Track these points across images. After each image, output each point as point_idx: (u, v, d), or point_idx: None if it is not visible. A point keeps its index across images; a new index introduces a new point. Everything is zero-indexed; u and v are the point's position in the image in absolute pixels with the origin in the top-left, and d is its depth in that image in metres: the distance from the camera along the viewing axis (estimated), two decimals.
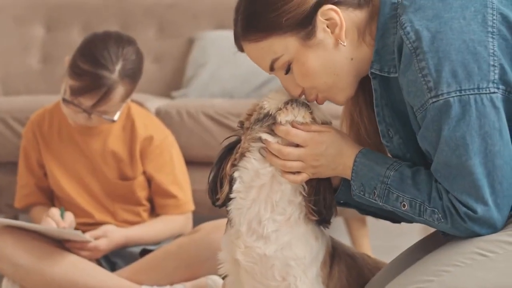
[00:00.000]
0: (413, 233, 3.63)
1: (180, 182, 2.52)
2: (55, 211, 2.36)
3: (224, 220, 2.31)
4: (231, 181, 1.74)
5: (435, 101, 1.54)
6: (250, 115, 1.75)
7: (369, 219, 2.97)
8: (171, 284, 2.36)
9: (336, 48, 1.65)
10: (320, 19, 1.63)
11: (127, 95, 2.36)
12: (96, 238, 2.37)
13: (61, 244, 2.39)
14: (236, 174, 1.74)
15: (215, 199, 1.76)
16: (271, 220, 1.71)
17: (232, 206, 1.74)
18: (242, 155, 1.74)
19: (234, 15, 1.73)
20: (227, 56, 3.27)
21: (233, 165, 1.75)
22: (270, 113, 1.69)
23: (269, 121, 1.69)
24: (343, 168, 1.70)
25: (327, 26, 1.63)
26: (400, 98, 1.65)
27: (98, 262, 2.43)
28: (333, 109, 1.84)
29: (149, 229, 2.48)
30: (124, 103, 2.39)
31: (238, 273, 1.76)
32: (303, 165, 1.70)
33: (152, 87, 3.42)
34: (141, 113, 2.52)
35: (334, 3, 1.63)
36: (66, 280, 2.32)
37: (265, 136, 1.70)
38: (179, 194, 2.51)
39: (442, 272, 1.59)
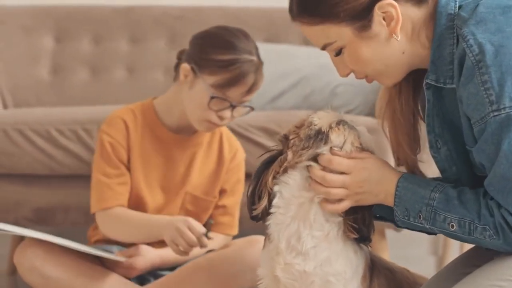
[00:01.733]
0: (423, 242, 3.66)
1: (239, 203, 2.52)
2: (197, 226, 2.26)
3: (256, 236, 2.34)
4: (270, 195, 1.74)
5: (497, 115, 1.55)
6: (298, 128, 1.75)
7: (388, 232, 2.98)
8: None
9: (389, 40, 1.67)
10: (377, 12, 1.64)
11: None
12: (130, 257, 2.34)
13: (93, 258, 2.37)
14: (276, 188, 1.74)
15: (253, 210, 1.76)
16: (310, 236, 1.72)
17: (271, 221, 1.75)
18: (285, 170, 1.74)
19: None
20: None
21: (274, 178, 1.75)
22: (322, 130, 1.70)
23: (322, 139, 1.70)
24: (385, 195, 1.71)
25: (383, 19, 1.65)
26: (452, 109, 1.67)
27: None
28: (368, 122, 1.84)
29: None
30: None
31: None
32: (346, 192, 1.71)
33: None
34: (224, 127, 2.50)
35: None
36: None
37: (310, 163, 1.71)
38: (236, 215, 2.51)
39: (496, 287, 1.60)
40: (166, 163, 2.41)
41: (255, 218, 1.78)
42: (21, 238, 3.48)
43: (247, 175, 2.76)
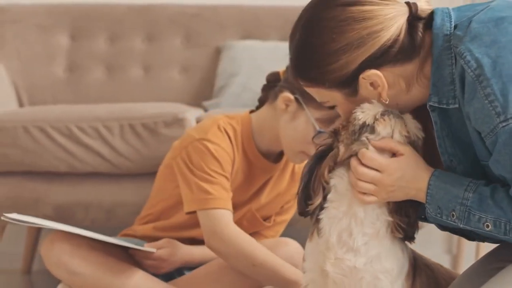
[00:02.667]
0: (437, 241, 3.66)
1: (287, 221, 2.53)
2: None
3: (284, 238, 2.35)
4: (325, 190, 1.75)
5: (505, 125, 1.56)
6: (345, 123, 1.76)
7: None
8: None
9: (380, 100, 1.70)
10: (363, 80, 1.68)
11: None
12: (159, 248, 2.34)
13: (121, 255, 2.37)
14: (331, 182, 1.74)
15: (307, 206, 1.75)
16: (361, 234, 1.72)
17: (323, 215, 1.74)
18: (339, 164, 1.74)
19: (297, 30, 1.75)
20: (258, 66, 3.28)
21: (329, 172, 1.75)
22: (367, 123, 1.70)
23: (367, 131, 1.70)
24: (416, 192, 1.71)
25: (370, 85, 1.68)
26: (460, 128, 1.68)
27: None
28: None
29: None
30: None
31: (325, 283, 1.76)
32: (375, 188, 1.70)
33: (180, 97, 3.41)
34: None
35: (377, 67, 1.67)
36: None
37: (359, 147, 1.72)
38: (280, 232, 2.51)
39: None
40: (245, 182, 2.37)
41: (305, 213, 1.77)
42: (36, 237, 3.49)
43: None
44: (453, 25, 1.66)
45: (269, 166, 2.38)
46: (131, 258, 2.39)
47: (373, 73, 1.66)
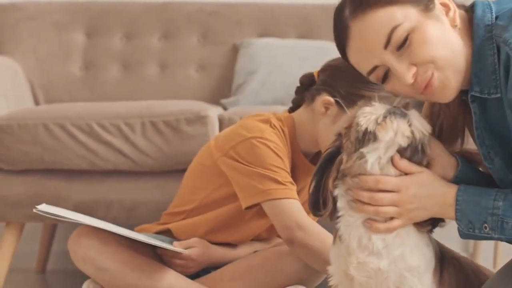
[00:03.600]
0: (453, 240, 3.65)
1: None
2: None
3: None
4: (334, 198, 1.74)
5: None
6: (347, 127, 1.73)
7: None
8: None
9: (450, 28, 1.67)
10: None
11: None
12: (187, 248, 2.32)
13: (149, 252, 2.35)
14: (336, 192, 1.73)
15: (318, 214, 1.76)
16: (380, 239, 1.71)
17: (341, 223, 1.74)
18: (344, 173, 1.73)
19: None
20: (277, 63, 3.27)
21: (335, 180, 1.74)
22: (369, 130, 1.68)
23: (370, 139, 1.68)
24: (441, 208, 1.70)
25: (442, 6, 1.67)
26: (498, 120, 1.66)
27: None
28: None
29: (244, 251, 2.42)
30: None
31: (351, 285, 1.76)
32: (397, 210, 1.69)
33: (197, 95, 3.39)
34: None
35: None
36: (150, 285, 2.27)
37: (351, 184, 1.70)
38: None
39: None
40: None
41: (317, 216, 1.78)
42: (51, 236, 3.47)
43: None
44: (494, 16, 1.66)
45: (310, 168, 2.35)
46: (157, 255, 2.37)
47: None
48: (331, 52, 3.30)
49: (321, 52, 3.32)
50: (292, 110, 2.40)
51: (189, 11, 3.53)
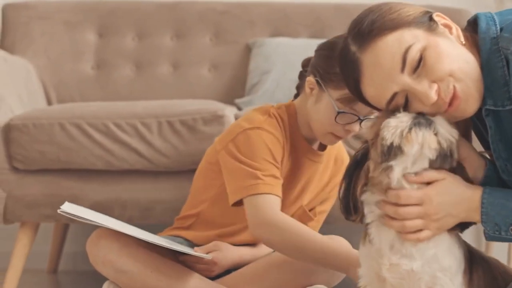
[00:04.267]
0: (465, 238, 3.63)
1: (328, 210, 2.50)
2: None
3: (331, 236, 2.31)
4: (362, 204, 1.75)
5: None
6: (373, 139, 1.73)
7: None
8: None
9: (458, 44, 1.68)
10: (436, 18, 1.68)
11: None
12: (208, 253, 2.31)
13: (169, 254, 2.34)
14: (363, 198, 1.73)
15: (350, 219, 1.76)
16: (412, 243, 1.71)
17: (372, 228, 1.74)
18: (372, 181, 1.73)
19: (350, 32, 1.72)
20: (291, 63, 3.26)
21: (363, 186, 1.74)
22: (394, 144, 1.67)
23: (397, 153, 1.67)
24: (467, 213, 1.69)
25: (443, 26, 1.68)
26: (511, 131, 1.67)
27: None
28: None
29: (265, 251, 2.41)
30: None
31: (382, 286, 1.75)
32: (423, 222, 1.69)
33: (210, 94, 3.38)
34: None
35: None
36: (169, 286, 2.26)
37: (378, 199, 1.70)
38: (320, 222, 2.48)
39: None
40: (292, 170, 2.34)
41: (349, 220, 1.78)
42: (63, 237, 3.46)
43: None
44: (498, 28, 1.67)
45: (314, 153, 2.35)
46: (176, 257, 2.35)
47: (439, 15, 1.69)
48: None
49: None
50: (296, 96, 2.40)
51: (200, 11, 3.52)
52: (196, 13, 3.52)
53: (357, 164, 1.76)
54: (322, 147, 2.38)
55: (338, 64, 1.77)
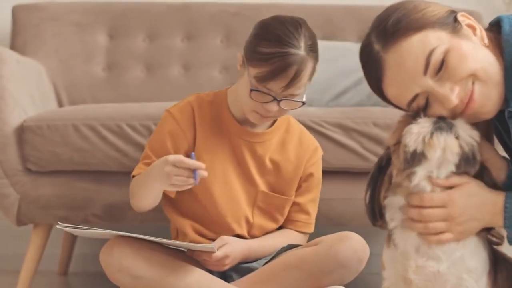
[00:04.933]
0: None
1: (317, 202, 2.49)
2: (186, 160, 2.16)
3: (346, 232, 2.32)
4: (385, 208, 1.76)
5: None
6: (395, 145, 1.73)
7: None
8: None
9: (482, 46, 1.68)
10: (460, 19, 1.69)
11: (312, 72, 2.30)
12: (218, 247, 2.30)
13: (182, 256, 2.34)
14: (387, 202, 1.73)
15: (376, 225, 1.77)
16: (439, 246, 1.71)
17: (396, 234, 1.74)
18: (395, 186, 1.73)
19: (374, 29, 1.72)
20: None
21: (386, 192, 1.76)
22: (417, 151, 1.67)
23: (420, 159, 1.67)
24: (491, 217, 1.70)
25: (467, 27, 1.68)
26: None
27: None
28: None
29: (271, 241, 2.42)
30: (309, 83, 2.32)
31: None
32: (446, 224, 1.69)
33: None
34: (299, 125, 2.49)
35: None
36: None
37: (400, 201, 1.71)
38: (312, 213, 2.48)
39: None
40: (234, 156, 2.38)
41: (373, 224, 1.79)
42: (73, 239, 3.45)
43: (324, 172, 2.74)
44: None
45: (248, 133, 2.37)
46: (190, 258, 2.35)
47: (464, 15, 1.69)
48: (356, 52, 3.30)
49: (347, 52, 3.31)
50: None
51: (212, 12, 3.52)
52: (208, 14, 3.51)
53: (381, 170, 1.76)
54: (268, 126, 2.40)
55: (360, 60, 1.77)
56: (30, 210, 2.82)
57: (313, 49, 2.28)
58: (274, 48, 2.22)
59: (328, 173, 2.81)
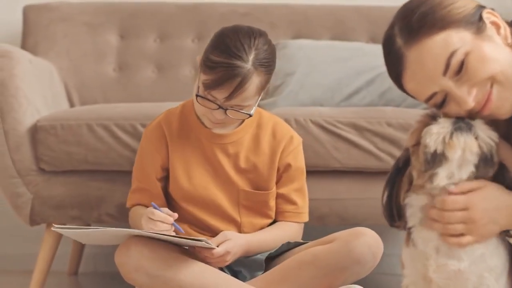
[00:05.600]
0: None
1: (303, 190, 2.49)
2: (156, 212, 2.28)
3: (360, 228, 2.32)
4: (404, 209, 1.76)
5: None
6: (415, 146, 1.73)
7: None
8: None
9: (504, 46, 1.68)
10: (485, 16, 1.68)
11: (262, 86, 2.32)
12: (218, 245, 2.31)
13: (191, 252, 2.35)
14: (407, 201, 1.74)
15: (394, 225, 1.77)
16: None
17: (415, 234, 1.74)
18: (414, 188, 1.74)
19: (399, 21, 1.72)
20: (314, 64, 3.25)
21: (406, 192, 1.75)
22: (437, 152, 1.68)
23: (441, 160, 1.68)
24: (508, 220, 1.69)
25: (492, 24, 1.67)
26: None
27: (221, 271, 2.37)
28: None
29: (268, 235, 2.44)
30: (259, 96, 2.35)
31: (428, 287, 1.75)
32: (466, 227, 1.69)
33: None
34: (273, 117, 2.51)
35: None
36: None
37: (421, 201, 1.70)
38: (300, 202, 2.48)
39: None
40: (208, 160, 2.42)
41: (391, 225, 1.79)
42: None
43: (337, 172, 2.75)
44: None
45: (214, 135, 2.41)
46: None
47: (490, 12, 1.68)
48: (367, 52, 3.32)
49: (358, 52, 3.32)
50: None
51: (222, 13, 3.52)
52: (218, 15, 3.51)
53: (399, 171, 1.77)
54: (237, 126, 2.43)
55: (382, 48, 1.77)
56: (43, 209, 2.82)
57: (263, 64, 2.30)
58: (221, 58, 2.26)
59: (341, 173, 2.82)
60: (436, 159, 1.68)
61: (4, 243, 3.60)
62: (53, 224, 2.28)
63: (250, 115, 2.34)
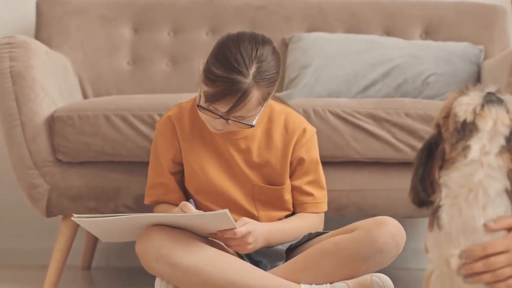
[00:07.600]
0: None
1: (319, 181, 2.48)
2: (189, 205, 2.28)
3: (383, 217, 2.31)
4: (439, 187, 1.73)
5: None
6: (445, 118, 1.72)
7: None
8: (331, 282, 2.30)
9: None
10: None
11: (263, 98, 2.30)
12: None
13: (219, 244, 2.34)
14: (442, 180, 1.72)
15: (425, 203, 1.74)
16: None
17: (443, 213, 1.72)
18: (448, 162, 1.71)
19: None
20: (330, 57, 3.25)
21: (440, 170, 1.73)
22: (467, 121, 1.67)
23: (472, 130, 1.67)
24: None
25: None
26: None
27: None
28: None
29: (289, 225, 2.43)
30: (262, 107, 2.32)
31: (451, 271, 1.73)
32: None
33: None
34: (285, 109, 2.48)
35: None
36: (224, 279, 2.24)
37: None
38: (316, 193, 2.47)
39: None
40: (222, 156, 2.41)
41: (421, 207, 1.76)
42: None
43: (356, 163, 2.73)
44: None
45: (225, 132, 2.38)
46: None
47: None
48: (382, 45, 3.32)
49: (373, 45, 3.31)
50: None
51: (237, 6, 3.51)
52: (232, 8, 3.51)
53: (430, 149, 1.75)
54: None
55: None
56: (60, 201, 2.81)
57: (265, 78, 2.27)
58: (221, 71, 2.24)
59: (360, 163, 2.81)
60: (467, 128, 1.67)
61: (18, 238, 3.58)
62: (73, 214, 2.26)
63: (252, 126, 2.32)
